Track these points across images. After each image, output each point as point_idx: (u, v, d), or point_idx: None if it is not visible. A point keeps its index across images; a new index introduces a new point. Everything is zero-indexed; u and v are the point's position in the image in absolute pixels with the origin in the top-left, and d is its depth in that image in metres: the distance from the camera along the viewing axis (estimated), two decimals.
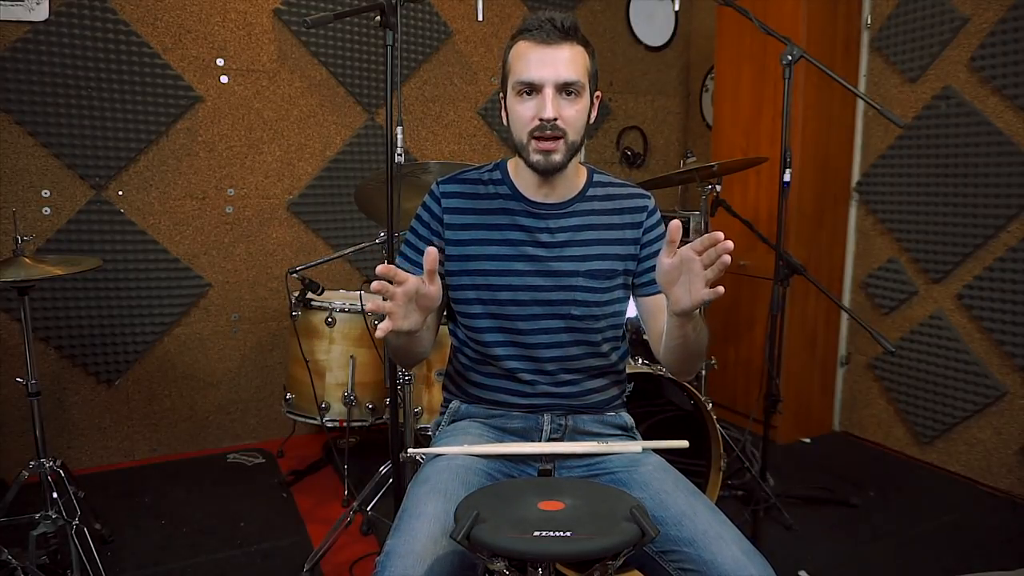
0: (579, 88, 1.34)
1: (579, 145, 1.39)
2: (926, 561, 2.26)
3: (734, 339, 3.41)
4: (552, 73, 1.31)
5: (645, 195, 1.51)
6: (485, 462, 1.38)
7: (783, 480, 2.70)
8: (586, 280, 1.43)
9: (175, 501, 2.63)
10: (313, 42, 3.11)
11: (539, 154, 1.35)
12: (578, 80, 1.33)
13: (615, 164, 3.95)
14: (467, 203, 1.46)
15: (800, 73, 2.90)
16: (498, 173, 1.49)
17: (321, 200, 3.23)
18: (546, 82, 1.31)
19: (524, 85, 1.33)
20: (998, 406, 2.73)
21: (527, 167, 1.40)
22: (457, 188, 1.47)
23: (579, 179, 1.48)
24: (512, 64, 1.36)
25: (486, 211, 1.45)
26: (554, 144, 1.34)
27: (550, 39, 1.31)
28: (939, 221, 2.88)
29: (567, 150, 1.36)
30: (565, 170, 1.40)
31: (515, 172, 1.47)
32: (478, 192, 1.47)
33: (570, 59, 1.32)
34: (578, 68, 1.33)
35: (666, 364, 1.43)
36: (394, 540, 1.16)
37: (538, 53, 1.32)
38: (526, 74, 1.32)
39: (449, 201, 1.46)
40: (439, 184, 1.49)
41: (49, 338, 2.80)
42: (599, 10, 3.78)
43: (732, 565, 1.14)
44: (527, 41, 1.34)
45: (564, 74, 1.31)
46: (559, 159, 1.35)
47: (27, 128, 2.67)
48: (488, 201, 1.46)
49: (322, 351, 2.57)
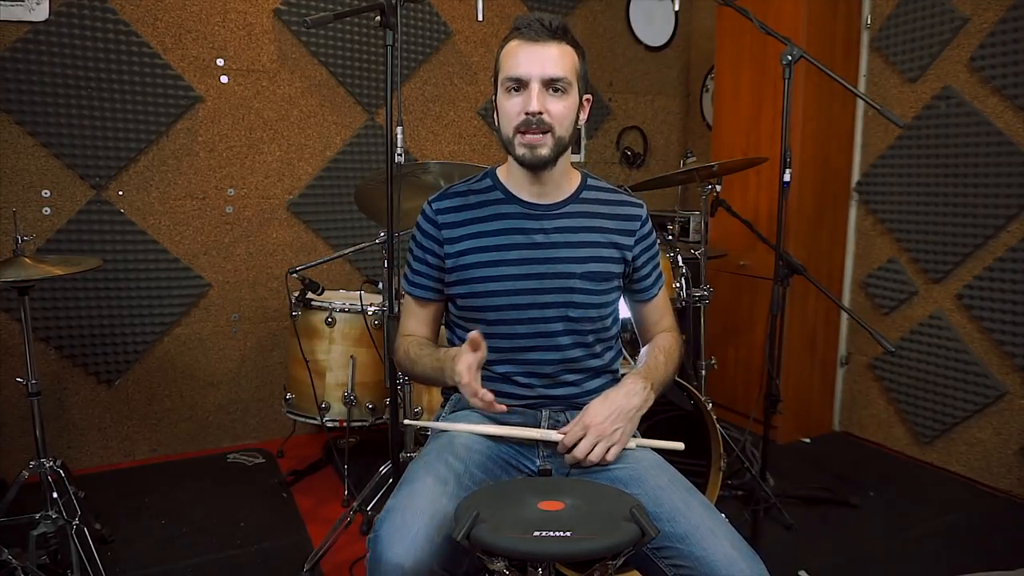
0: (565, 85, 1.36)
1: (567, 143, 1.40)
2: (926, 561, 2.26)
3: (734, 339, 3.41)
4: (539, 68, 1.34)
5: (638, 203, 1.53)
6: (486, 444, 1.39)
7: (783, 480, 2.70)
8: (583, 282, 1.45)
9: (175, 501, 2.63)
10: (313, 42, 3.11)
11: (524, 148, 1.37)
12: (564, 76, 1.35)
13: (615, 164, 3.95)
14: (460, 215, 1.48)
15: (800, 73, 2.90)
16: (488, 180, 1.51)
17: (321, 200, 3.23)
18: (532, 77, 1.34)
19: (512, 81, 1.36)
20: (998, 406, 2.73)
21: (516, 164, 1.42)
22: (448, 203, 1.49)
23: (572, 181, 1.50)
24: (502, 62, 1.39)
25: (480, 219, 1.47)
26: (540, 138, 1.35)
27: (538, 37, 1.34)
28: (939, 221, 2.88)
29: (554, 144, 1.37)
30: (554, 168, 1.42)
31: (506, 175, 1.50)
32: (469, 203, 1.49)
33: (557, 56, 1.35)
34: (565, 65, 1.36)
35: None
36: (394, 500, 1.21)
37: (526, 50, 1.35)
38: (514, 70, 1.35)
39: (443, 217, 1.48)
40: (430, 203, 1.51)
41: (49, 338, 2.80)
42: (599, 10, 3.79)
43: (724, 561, 1.14)
44: (516, 39, 1.37)
45: (550, 70, 1.34)
46: (545, 153, 1.37)
47: (27, 128, 2.67)
48: (480, 209, 1.48)
49: (322, 351, 2.57)
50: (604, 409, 1.34)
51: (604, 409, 1.34)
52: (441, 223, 1.48)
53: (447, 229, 1.47)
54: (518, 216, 1.46)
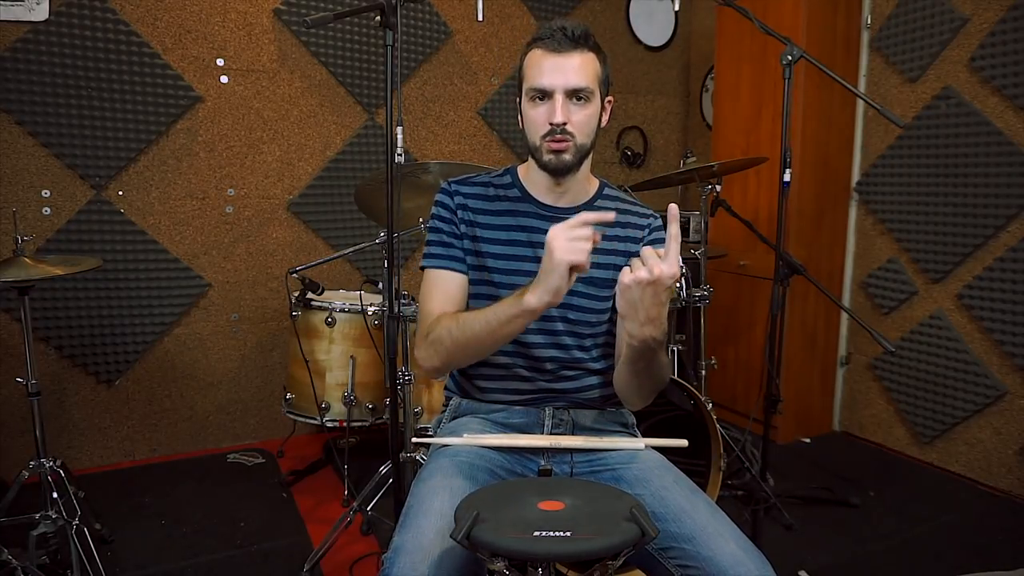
0: (588, 94, 1.39)
1: (589, 148, 1.45)
2: (926, 561, 2.26)
3: (734, 339, 3.41)
4: (562, 80, 1.37)
5: (655, 215, 1.55)
6: (488, 458, 1.39)
7: (783, 480, 2.70)
8: (584, 287, 1.46)
9: (175, 501, 2.63)
10: (313, 42, 3.11)
11: (551, 154, 1.40)
12: (587, 86, 1.39)
13: (615, 164, 3.95)
14: (478, 204, 1.50)
15: (800, 73, 2.90)
16: (508, 177, 1.53)
17: (321, 200, 3.23)
18: (556, 88, 1.37)
19: (536, 91, 1.39)
20: (998, 406, 2.73)
21: (540, 168, 1.45)
22: (468, 190, 1.51)
23: (590, 187, 1.54)
24: (526, 71, 1.43)
25: (495, 212, 1.49)
26: (564, 144, 1.39)
27: (561, 47, 1.37)
28: (939, 221, 2.88)
29: (576, 151, 1.42)
30: (576, 173, 1.46)
31: (526, 176, 1.52)
32: (487, 194, 1.51)
33: (580, 66, 1.38)
34: (588, 75, 1.39)
35: (615, 385, 1.45)
36: (401, 537, 1.17)
37: (550, 61, 1.38)
38: (538, 81, 1.39)
39: (461, 199, 1.50)
40: (451, 183, 1.52)
41: (49, 338, 2.80)
42: (599, 10, 3.79)
43: (730, 561, 1.15)
44: (540, 49, 1.40)
45: (573, 81, 1.37)
46: (569, 159, 1.41)
47: (27, 128, 2.67)
48: (498, 203, 1.50)
49: (322, 351, 2.57)
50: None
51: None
52: (457, 204, 1.49)
53: (461, 211, 1.49)
54: (531, 215, 1.48)
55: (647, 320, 1.16)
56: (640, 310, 1.16)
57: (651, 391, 1.39)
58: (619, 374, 1.40)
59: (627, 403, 1.47)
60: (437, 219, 1.51)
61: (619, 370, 1.39)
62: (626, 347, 1.26)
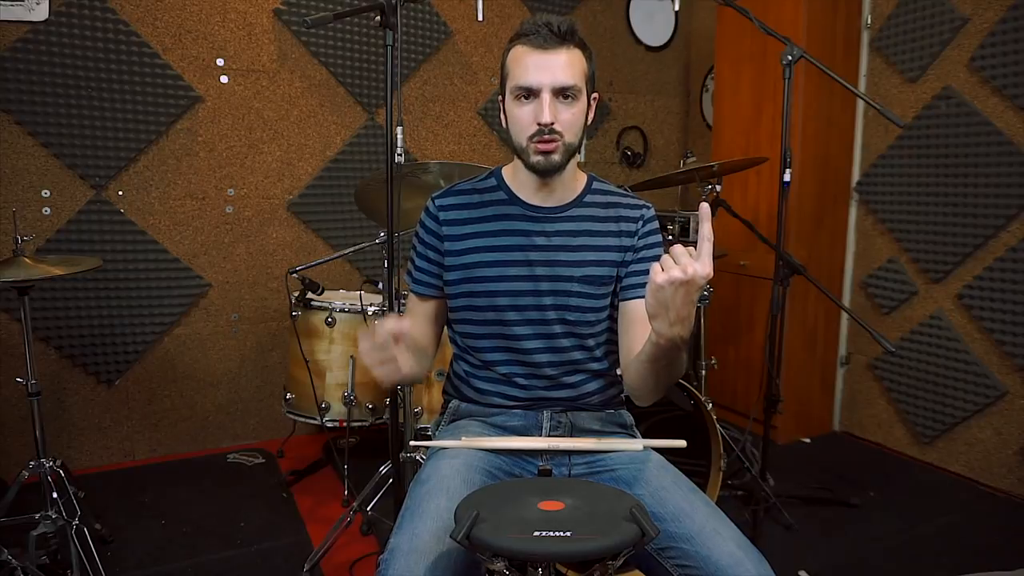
0: (575, 92, 1.35)
1: (576, 146, 1.41)
2: (926, 561, 2.26)
3: (734, 339, 3.41)
4: (549, 78, 1.33)
5: (647, 205, 1.52)
6: (486, 460, 1.38)
7: (783, 480, 2.70)
8: (581, 286, 1.44)
9: (175, 501, 2.63)
10: (313, 42, 3.11)
11: (539, 155, 1.37)
12: (575, 84, 1.34)
13: (615, 164, 3.95)
14: (463, 213, 1.48)
15: (800, 73, 2.90)
16: (493, 180, 1.50)
17: (321, 200, 3.23)
18: (543, 87, 1.33)
19: (522, 90, 1.35)
20: (998, 406, 2.73)
21: (527, 169, 1.41)
22: (452, 200, 1.49)
23: (577, 184, 1.50)
24: (510, 68, 1.38)
25: (482, 219, 1.47)
26: (553, 145, 1.36)
27: (547, 44, 1.33)
28: (939, 221, 2.88)
29: (564, 151, 1.38)
30: (563, 172, 1.42)
31: (512, 177, 1.49)
32: (473, 202, 1.48)
33: (567, 64, 1.34)
34: (575, 72, 1.35)
35: (625, 380, 1.41)
36: (397, 538, 1.17)
37: (535, 58, 1.33)
38: (524, 79, 1.34)
39: (446, 214, 1.48)
40: (434, 199, 1.50)
41: (49, 338, 2.80)
42: (599, 10, 3.78)
43: (729, 561, 1.14)
44: (524, 46, 1.35)
45: (561, 79, 1.33)
46: (558, 159, 1.37)
47: (27, 128, 2.67)
48: (483, 209, 1.47)
49: (322, 351, 2.57)
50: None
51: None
52: (443, 220, 1.47)
53: (448, 227, 1.47)
54: (520, 218, 1.46)
55: (677, 320, 1.11)
56: (671, 310, 1.10)
57: (666, 386, 1.35)
58: (636, 371, 1.32)
59: (639, 398, 1.41)
60: (416, 238, 1.52)
61: (637, 367, 1.31)
62: (651, 345, 1.20)
